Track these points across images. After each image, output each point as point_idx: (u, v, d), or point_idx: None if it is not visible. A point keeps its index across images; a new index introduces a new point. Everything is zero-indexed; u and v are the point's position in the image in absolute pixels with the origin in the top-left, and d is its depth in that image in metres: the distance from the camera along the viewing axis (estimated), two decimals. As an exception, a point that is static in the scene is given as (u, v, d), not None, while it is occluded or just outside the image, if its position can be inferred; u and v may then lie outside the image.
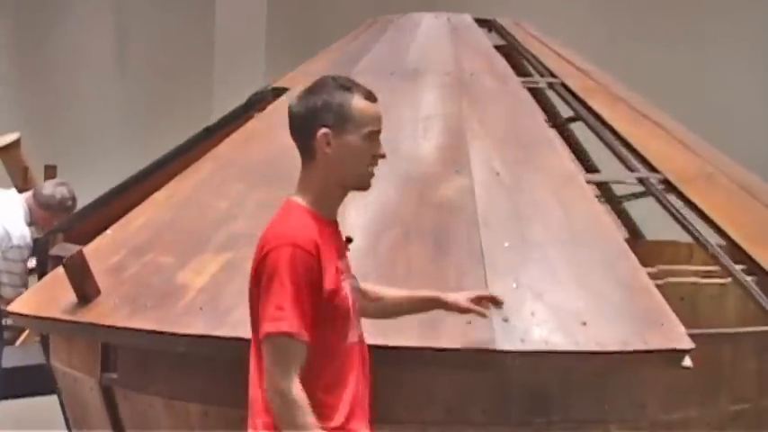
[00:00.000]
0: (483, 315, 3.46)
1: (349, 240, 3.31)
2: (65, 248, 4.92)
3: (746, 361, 4.21)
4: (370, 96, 3.17)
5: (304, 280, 2.97)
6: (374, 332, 3.58)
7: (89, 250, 4.63)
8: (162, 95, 10.40)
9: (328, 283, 3.03)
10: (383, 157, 3.18)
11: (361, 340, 3.21)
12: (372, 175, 3.19)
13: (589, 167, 6.00)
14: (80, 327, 4.15)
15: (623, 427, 4.00)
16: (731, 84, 8.40)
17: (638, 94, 5.29)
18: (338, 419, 3.06)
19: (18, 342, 7.75)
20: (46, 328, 4.71)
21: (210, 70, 9.24)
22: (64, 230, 5.63)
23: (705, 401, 4.12)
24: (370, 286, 3.45)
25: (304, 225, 3.07)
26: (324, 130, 3.09)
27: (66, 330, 4.36)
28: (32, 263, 5.90)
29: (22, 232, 5.94)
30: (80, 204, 5.98)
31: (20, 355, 7.07)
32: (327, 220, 3.15)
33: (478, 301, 3.46)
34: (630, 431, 4.01)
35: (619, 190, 6.14)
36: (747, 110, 8.27)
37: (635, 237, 6.40)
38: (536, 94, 5.41)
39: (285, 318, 2.94)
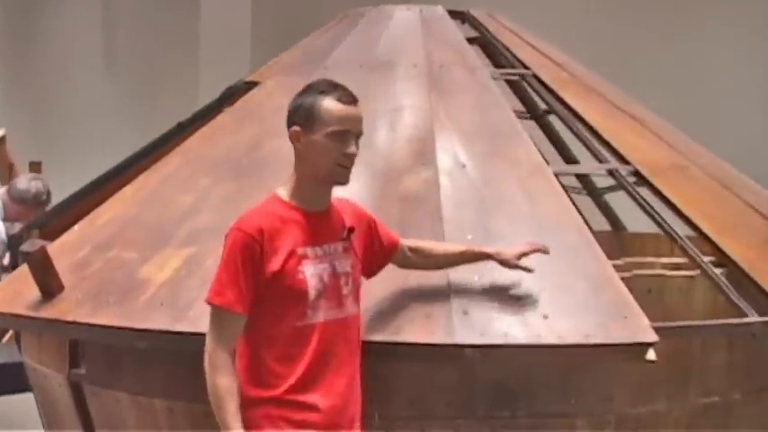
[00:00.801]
0: (529, 270, 3.73)
1: (350, 230, 3.50)
2: (34, 244, 4.87)
3: (716, 354, 4.14)
4: (345, 99, 3.43)
5: (243, 260, 3.28)
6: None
7: (56, 246, 4.62)
8: (148, 90, 10.37)
9: (273, 266, 3.29)
10: (353, 155, 3.41)
11: (341, 319, 3.43)
12: (345, 171, 3.42)
13: (568, 159, 5.97)
14: (42, 323, 4.13)
15: (590, 421, 3.96)
16: (727, 78, 8.36)
17: (614, 86, 5.25)
18: (283, 389, 3.32)
19: (4, 339, 7.71)
20: (9, 325, 4.68)
21: (196, 64, 9.23)
22: (40, 226, 5.61)
23: (674, 395, 4.06)
24: (421, 243, 3.78)
25: (261, 213, 3.39)
26: (295, 128, 3.41)
27: (27, 326, 4.35)
28: (7, 259, 5.88)
29: (-4, 228, 5.92)
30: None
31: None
32: (306, 211, 3.41)
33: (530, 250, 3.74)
34: (597, 425, 3.97)
35: (600, 182, 6.11)
36: (743, 105, 8.23)
37: (616, 229, 6.38)
38: (511, 85, 5.39)
39: (222, 292, 3.29)
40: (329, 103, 3.39)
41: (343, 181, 3.44)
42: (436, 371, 3.82)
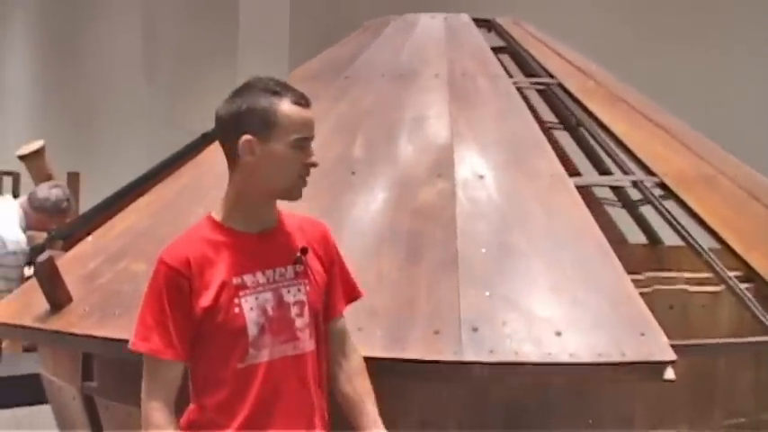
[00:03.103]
0: None
1: (304, 251, 3.09)
2: (47, 255, 4.84)
3: (742, 373, 3.99)
4: (301, 101, 2.99)
5: (169, 298, 2.90)
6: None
7: (69, 257, 4.58)
8: (188, 101, 10.39)
9: (204, 301, 2.91)
10: (314, 165, 3.03)
11: (295, 356, 3.03)
12: (303, 184, 3.04)
13: (602, 170, 5.83)
14: (47, 334, 4.08)
15: (608, 443, 3.83)
16: (745, 83, 8.19)
17: (641, 94, 5.10)
18: None
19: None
20: (16, 336, 4.64)
21: (235, 73, 9.20)
22: (64, 237, 5.57)
23: (697, 416, 3.91)
24: (346, 348, 3.28)
25: (188, 241, 3.00)
26: (247, 136, 2.93)
27: (33, 338, 4.30)
28: (30, 270, 5.86)
29: (16, 238, 5.89)
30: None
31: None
32: (245, 233, 3.01)
33: None
34: (616, 446, 3.84)
35: (635, 194, 5.96)
36: (761, 109, 8.05)
37: (653, 242, 6.22)
38: (542, 95, 5.26)
39: (148, 336, 2.93)
40: (288, 107, 2.94)
41: (298, 196, 3.04)
42: (446, 390, 3.70)
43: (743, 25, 8.28)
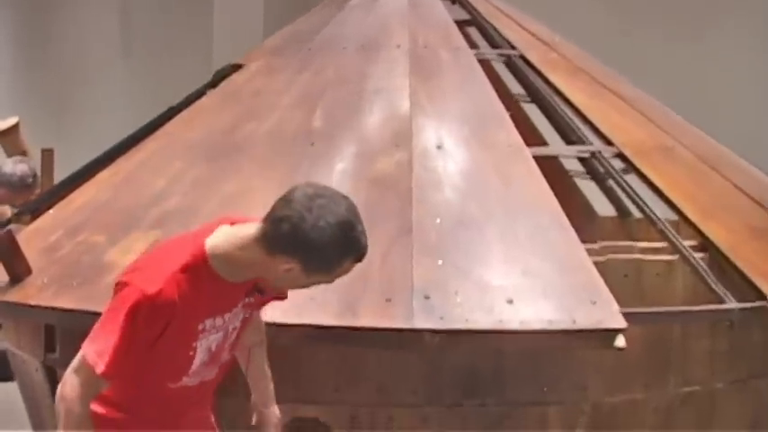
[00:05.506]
0: None
1: (258, 290, 3.06)
2: (8, 228, 4.85)
3: (697, 342, 4.01)
4: (362, 258, 2.94)
5: (140, 330, 2.87)
6: (290, 310, 3.50)
7: (30, 230, 4.60)
8: (164, 79, 10.37)
9: (169, 341, 2.92)
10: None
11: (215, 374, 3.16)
12: None
13: (570, 142, 5.83)
14: (5, 306, 4.09)
15: (563, 411, 3.86)
16: (733, 71, 8.21)
17: (606, 66, 5.11)
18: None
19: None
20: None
21: (210, 55, 9.19)
22: (31, 212, 5.58)
23: (652, 384, 3.94)
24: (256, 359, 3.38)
25: (179, 283, 2.88)
26: (290, 265, 2.85)
27: (-8, 310, 4.31)
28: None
29: (-20, 214, 5.89)
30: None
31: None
32: (224, 281, 2.95)
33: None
34: (571, 414, 3.87)
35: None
36: (749, 97, 8.07)
37: (622, 214, 6.23)
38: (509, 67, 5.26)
39: (117, 365, 2.89)
40: (349, 265, 2.91)
41: None
42: (401, 357, 3.73)
43: (732, 13, 8.29)
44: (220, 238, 2.93)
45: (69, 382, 2.95)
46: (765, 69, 8.25)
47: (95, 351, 2.91)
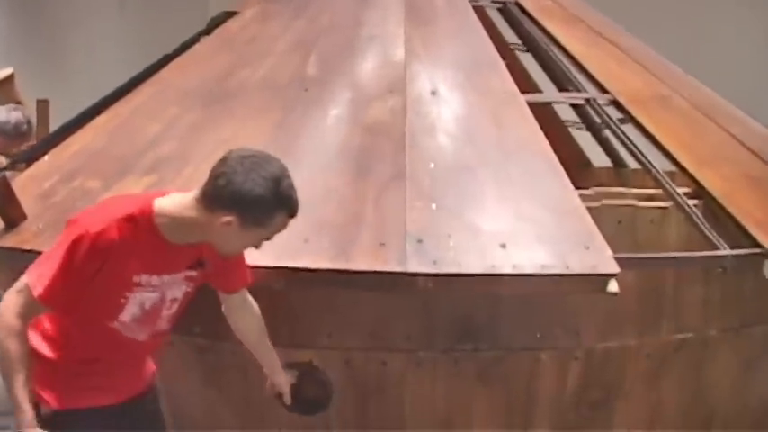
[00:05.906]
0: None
1: (200, 263, 3.27)
2: (3, 174, 4.84)
3: (691, 289, 4.01)
4: (294, 214, 3.13)
5: (81, 267, 3.05)
6: (283, 253, 3.51)
7: (25, 176, 4.59)
8: (158, 29, 10.29)
9: (103, 282, 3.09)
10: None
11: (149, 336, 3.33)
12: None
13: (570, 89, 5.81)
14: (1, 252, 4.09)
15: (556, 355, 3.86)
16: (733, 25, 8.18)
17: (601, 14, 5.09)
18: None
19: None
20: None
21: (206, 3, 9.13)
22: (27, 160, 5.57)
23: (645, 330, 3.94)
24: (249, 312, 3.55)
25: (121, 226, 3.08)
26: (228, 218, 3.04)
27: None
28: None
29: (-26, 163, 5.87)
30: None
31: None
32: (167, 242, 3.13)
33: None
34: (564, 359, 3.88)
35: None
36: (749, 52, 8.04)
37: (618, 165, 6.23)
38: (504, 14, 5.24)
39: (55, 294, 3.08)
40: (281, 219, 3.11)
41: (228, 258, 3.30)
42: (393, 302, 3.74)
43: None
44: (168, 200, 3.15)
45: (10, 300, 3.14)
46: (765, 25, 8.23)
47: (36, 275, 3.11)
